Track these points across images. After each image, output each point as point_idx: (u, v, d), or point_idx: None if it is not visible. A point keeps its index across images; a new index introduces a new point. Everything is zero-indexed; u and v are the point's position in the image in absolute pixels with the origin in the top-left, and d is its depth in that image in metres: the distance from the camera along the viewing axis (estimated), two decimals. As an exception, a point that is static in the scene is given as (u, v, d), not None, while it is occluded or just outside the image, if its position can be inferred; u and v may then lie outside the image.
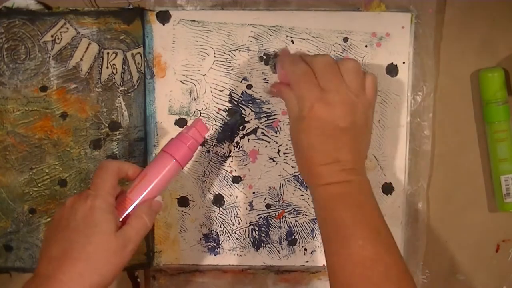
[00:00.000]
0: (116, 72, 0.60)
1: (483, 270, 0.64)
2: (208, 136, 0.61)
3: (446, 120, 0.62)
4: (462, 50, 0.61)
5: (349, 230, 0.47)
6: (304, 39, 0.59)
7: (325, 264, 0.47)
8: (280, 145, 0.61)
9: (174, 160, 0.49)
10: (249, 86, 0.60)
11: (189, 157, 0.51)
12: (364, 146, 0.52)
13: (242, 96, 0.60)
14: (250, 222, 0.62)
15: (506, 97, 0.60)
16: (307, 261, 0.62)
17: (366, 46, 0.60)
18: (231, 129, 0.61)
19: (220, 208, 0.62)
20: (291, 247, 0.62)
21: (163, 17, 0.59)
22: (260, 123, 0.61)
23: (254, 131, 0.61)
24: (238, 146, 0.61)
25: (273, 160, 0.61)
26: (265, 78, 0.60)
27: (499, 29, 0.61)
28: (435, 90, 0.61)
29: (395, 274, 0.45)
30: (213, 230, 0.62)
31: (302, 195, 0.61)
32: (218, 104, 0.60)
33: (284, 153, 0.61)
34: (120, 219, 0.47)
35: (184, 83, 0.60)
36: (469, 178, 0.63)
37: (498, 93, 0.59)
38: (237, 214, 0.62)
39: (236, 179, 0.61)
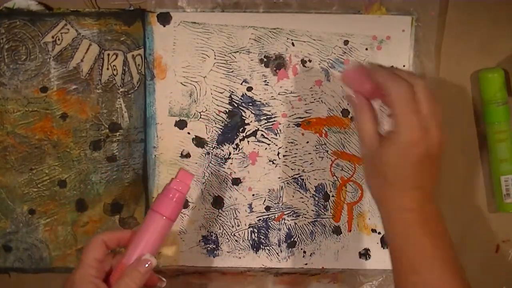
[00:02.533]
0: (117, 74, 0.60)
1: (483, 270, 0.64)
2: (208, 138, 0.61)
3: (446, 120, 0.62)
4: (462, 50, 0.61)
5: (427, 260, 0.46)
6: (304, 41, 0.59)
7: (324, 267, 0.47)
8: (280, 148, 0.61)
9: (164, 218, 0.48)
10: (249, 88, 0.60)
11: (178, 210, 0.50)
12: (439, 175, 0.51)
13: (242, 98, 0.60)
14: (250, 224, 0.62)
15: (506, 97, 0.60)
16: (306, 264, 0.62)
17: (366, 49, 0.60)
18: (231, 131, 0.61)
19: (220, 210, 0.62)
20: (290, 249, 0.62)
21: (164, 19, 0.59)
22: (260, 125, 0.61)
23: (254, 133, 0.61)
24: (238, 148, 0.61)
25: (273, 163, 0.61)
26: (266, 81, 0.60)
27: (499, 30, 0.61)
28: (436, 93, 0.61)
29: None
30: (213, 232, 0.62)
31: (301, 198, 0.61)
32: (218, 106, 0.60)
33: (283, 156, 0.61)
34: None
35: (184, 85, 0.60)
36: (469, 179, 0.63)
37: (498, 93, 0.59)
38: (237, 216, 0.62)
39: (236, 181, 0.61)
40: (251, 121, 0.61)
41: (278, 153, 0.61)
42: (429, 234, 0.47)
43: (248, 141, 0.61)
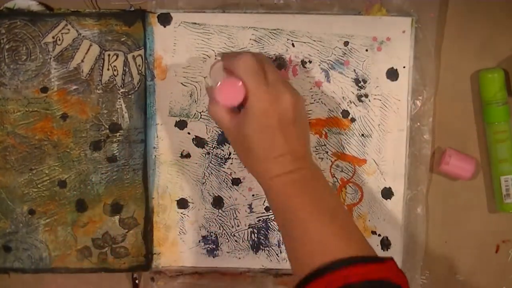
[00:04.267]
0: (117, 74, 0.60)
1: (483, 271, 0.64)
2: (209, 138, 0.61)
3: (446, 120, 0.62)
4: (462, 50, 0.61)
5: (307, 214, 0.47)
6: (305, 42, 0.59)
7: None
8: (280, 148, 0.61)
9: None
10: (250, 89, 0.60)
11: None
12: (308, 134, 0.53)
13: (242, 99, 0.60)
14: (249, 225, 0.62)
15: (506, 97, 0.60)
16: (306, 265, 0.62)
17: (366, 50, 0.60)
18: (231, 131, 0.61)
19: (219, 210, 0.62)
20: (290, 250, 0.62)
21: (164, 19, 0.59)
22: (260, 126, 0.61)
23: (254, 134, 0.61)
24: (238, 149, 0.61)
25: (273, 163, 0.61)
26: (266, 81, 0.60)
27: (499, 30, 0.61)
28: (435, 93, 0.61)
29: (360, 252, 0.45)
30: (212, 232, 0.62)
31: (301, 198, 0.61)
32: (219, 106, 0.60)
33: (284, 156, 0.61)
34: None
35: (184, 85, 0.60)
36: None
37: (498, 93, 0.59)
38: (236, 216, 0.62)
39: (236, 181, 0.61)
40: (251, 122, 0.61)
41: (278, 154, 0.61)
42: (304, 192, 0.48)
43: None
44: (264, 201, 0.61)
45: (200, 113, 0.60)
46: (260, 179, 0.51)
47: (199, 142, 0.61)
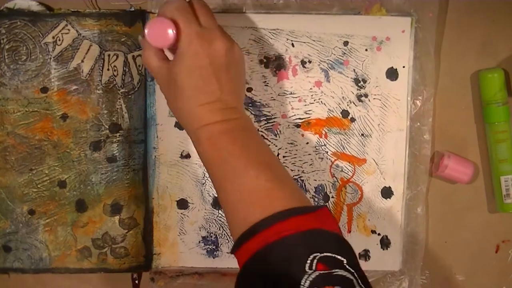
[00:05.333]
0: (117, 74, 0.60)
1: (482, 271, 0.64)
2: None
3: (446, 120, 0.62)
4: (462, 50, 0.61)
5: (239, 163, 0.45)
6: (304, 42, 0.59)
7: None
8: (279, 148, 0.61)
9: None
10: (249, 89, 0.60)
11: None
12: (243, 86, 0.52)
13: (242, 99, 0.60)
14: (249, 225, 0.62)
15: (506, 97, 0.60)
16: (306, 265, 0.62)
17: (366, 50, 0.60)
18: (231, 131, 0.61)
19: (219, 210, 0.62)
20: (290, 250, 0.62)
21: (164, 20, 0.59)
22: (260, 126, 0.61)
23: (254, 134, 0.61)
24: (238, 149, 0.61)
25: (273, 163, 0.61)
26: (265, 81, 0.60)
27: (499, 30, 0.61)
28: (435, 93, 0.61)
29: (293, 203, 0.44)
30: (212, 233, 0.62)
31: (301, 198, 0.61)
32: (218, 106, 0.60)
33: (283, 156, 0.61)
34: None
35: (184, 86, 0.60)
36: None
37: (498, 93, 0.59)
38: (236, 216, 0.62)
39: (236, 182, 0.61)
40: (251, 122, 0.61)
41: (278, 154, 0.61)
42: (235, 142, 0.47)
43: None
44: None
45: (200, 113, 0.60)
46: (189, 127, 0.49)
47: (199, 142, 0.61)
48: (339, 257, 0.41)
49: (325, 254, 0.40)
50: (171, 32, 0.46)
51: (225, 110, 0.47)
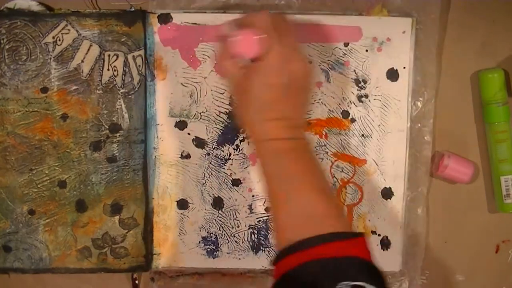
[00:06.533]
0: (117, 74, 0.60)
1: (482, 271, 0.64)
2: (209, 138, 0.61)
3: (446, 120, 0.62)
4: (462, 51, 0.61)
5: (299, 183, 0.47)
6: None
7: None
8: (280, 149, 0.61)
9: None
10: (250, 89, 0.60)
11: None
12: (307, 107, 0.54)
13: (242, 99, 0.60)
14: (249, 226, 0.62)
15: (506, 98, 0.60)
16: (306, 265, 0.62)
17: (366, 50, 0.60)
18: (231, 132, 0.61)
19: (220, 211, 0.62)
20: (290, 250, 0.62)
21: (165, 20, 0.59)
22: (260, 126, 0.61)
23: (254, 134, 0.61)
24: (238, 149, 0.61)
25: (273, 164, 0.61)
26: (266, 82, 0.60)
27: (499, 30, 0.61)
28: (436, 94, 0.61)
29: (340, 228, 0.45)
30: (212, 233, 0.62)
31: (301, 199, 0.61)
32: (219, 106, 0.60)
33: (284, 157, 0.61)
34: None
35: (185, 86, 0.60)
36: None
37: (498, 94, 0.59)
38: (236, 217, 0.62)
39: (236, 182, 0.61)
40: (251, 122, 0.61)
41: (278, 154, 0.61)
42: (297, 161, 0.48)
43: (248, 142, 0.61)
44: (264, 202, 0.61)
45: (200, 113, 0.60)
46: (255, 137, 0.50)
47: (199, 142, 0.61)
48: (372, 287, 0.41)
49: (357, 283, 0.41)
50: (257, 46, 0.48)
51: (292, 129, 0.49)
